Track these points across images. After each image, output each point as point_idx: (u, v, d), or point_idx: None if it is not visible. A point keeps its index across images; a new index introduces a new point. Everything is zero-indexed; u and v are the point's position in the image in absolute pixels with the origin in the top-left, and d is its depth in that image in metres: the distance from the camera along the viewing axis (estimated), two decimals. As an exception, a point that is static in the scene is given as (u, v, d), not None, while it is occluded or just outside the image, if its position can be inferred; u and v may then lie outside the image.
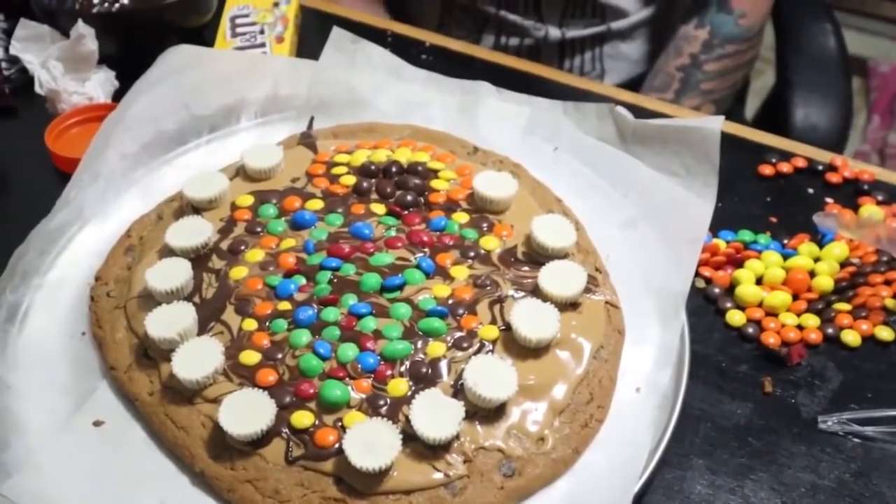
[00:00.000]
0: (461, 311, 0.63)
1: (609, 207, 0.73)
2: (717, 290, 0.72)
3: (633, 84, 1.20)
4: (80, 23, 0.85)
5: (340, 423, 0.57)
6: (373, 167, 0.73)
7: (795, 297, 0.70)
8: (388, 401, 0.58)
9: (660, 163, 0.75)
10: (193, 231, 0.67)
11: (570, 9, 1.15)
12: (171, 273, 0.64)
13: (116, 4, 0.91)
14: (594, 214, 0.73)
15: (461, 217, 0.70)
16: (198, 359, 0.59)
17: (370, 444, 0.55)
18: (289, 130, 0.81)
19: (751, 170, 0.83)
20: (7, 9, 0.94)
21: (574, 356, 0.61)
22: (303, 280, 0.65)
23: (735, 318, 0.69)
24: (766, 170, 0.82)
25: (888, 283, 0.71)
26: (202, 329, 0.62)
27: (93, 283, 0.68)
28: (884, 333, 0.68)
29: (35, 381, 0.63)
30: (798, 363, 0.67)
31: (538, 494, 0.57)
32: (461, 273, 0.65)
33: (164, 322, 0.61)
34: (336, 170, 0.73)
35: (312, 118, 0.82)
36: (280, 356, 0.60)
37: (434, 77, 0.84)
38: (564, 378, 0.60)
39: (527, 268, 0.66)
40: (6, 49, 0.89)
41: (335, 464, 0.56)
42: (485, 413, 0.58)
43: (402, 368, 0.60)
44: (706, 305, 0.71)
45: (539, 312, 0.61)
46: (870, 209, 0.77)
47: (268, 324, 0.62)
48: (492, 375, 0.58)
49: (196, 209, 0.71)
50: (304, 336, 0.61)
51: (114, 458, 0.59)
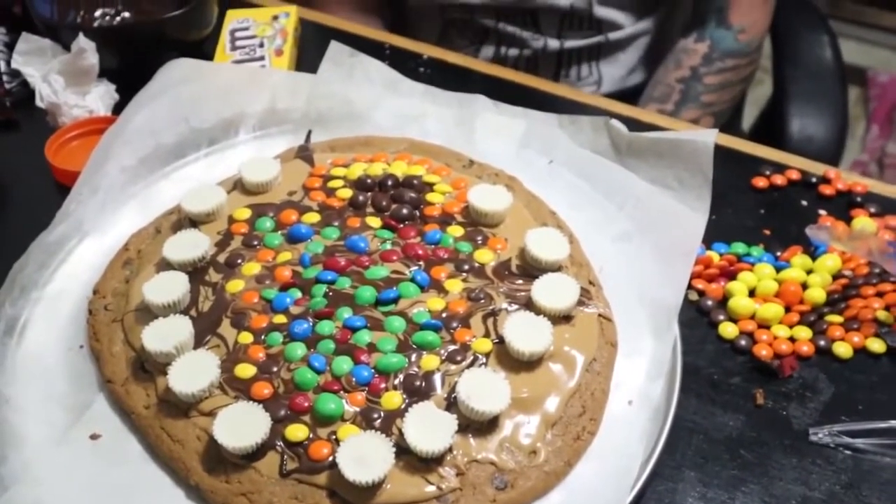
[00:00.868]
0: (455, 325, 0.63)
1: (604, 220, 0.74)
2: (710, 303, 0.72)
3: (630, 93, 1.20)
4: (81, 37, 0.85)
5: (334, 437, 0.58)
6: (369, 180, 0.74)
7: (788, 310, 0.71)
8: (382, 414, 0.59)
9: (654, 175, 0.75)
10: (190, 244, 0.68)
11: (568, 22, 1.16)
12: (168, 286, 0.65)
13: (117, 18, 0.92)
14: (589, 227, 0.74)
15: (456, 230, 0.70)
16: (194, 372, 0.60)
17: (363, 458, 0.55)
18: (287, 143, 0.81)
19: (745, 182, 0.83)
20: (9, 22, 0.95)
21: (567, 369, 0.62)
22: (298, 293, 0.66)
23: (728, 331, 0.70)
24: (760, 182, 0.83)
25: (880, 295, 0.72)
26: (198, 342, 0.63)
27: (91, 297, 0.69)
28: (875, 345, 0.69)
29: (33, 394, 0.63)
30: (790, 375, 0.67)
31: (531, 507, 0.58)
32: (455, 286, 0.66)
33: (161, 335, 0.62)
34: (332, 183, 0.74)
35: (310, 132, 0.83)
36: (275, 369, 0.61)
37: (431, 90, 0.85)
38: (557, 391, 0.61)
39: (521, 281, 0.67)
40: (8, 63, 0.90)
41: (329, 477, 0.56)
42: (478, 426, 0.59)
43: (396, 381, 0.60)
44: (699, 318, 0.72)
45: (532, 325, 0.62)
46: (862, 221, 0.77)
47: (263, 337, 0.63)
48: (485, 388, 0.58)
49: (193, 222, 0.71)
50: (300, 349, 0.62)
51: (110, 471, 0.60)
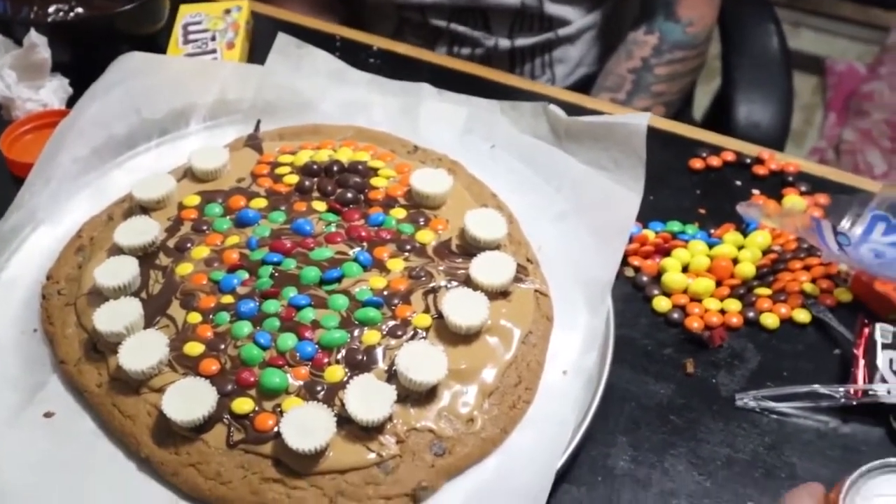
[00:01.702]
0: (396, 301, 0.66)
1: (543, 201, 0.77)
2: (646, 279, 0.75)
3: (582, 84, 1.23)
4: (33, 31, 0.87)
5: (279, 409, 0.60)
6: (315, 166, 0.76)
7: (719, 284, 0.74)
8: (325, 387, 0.61)
9: (591, 158, 0.78)
10: (141, 230, 0.70)
11: (519, 22, 1.19)
12: (119, 270, 0.67)
13: (71, 13, 0.94)
14: (529, 208, 0.76)
15: (399, 213, 0.73)
16: (144, 351, 0.62)
17: (306, 428, 0.58)
18: (236, 133, 0.84)
19: (682, 164, 0.86)
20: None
21: (503, 342, 0.65)
22: (246, 275, 0.68)
23: (661, 305, 0.73)
24: (697, 164, 0.86)
25: (807, 269, 0.75)
26: (148, 323, 0.65)
27: (44, 282, 0.71)
28: (801, 316, 0.72)
29: (-13, 376, 0.65)
30: (720, 345, 0.70)
31: (468, 472, 0.60)
32: (397, 265, 0.69)
33: (112, 317, 0.64)
34: (280, 170, 0.76)
35: (259, 121, 0.85)
36: (223, 347, 0.63)
37: (377, 80, 0.87)
38: (494, 362, 0.64)
39: (460, 259, 0.69)
40: (-38, 58, 0.92)
41: (274, 447, 0.59)
42: (417, 396, 0.61)
43: (339, 356, 0.63)
44: (635, 293, 0.75)
45: (470, 301, 0.65)
46: (792, 199, 0.81)
47: (211, 316, 0.65)
48: (423, 360, 0.61)
49: (144, 209, 0.73)
50: (246, 327, 0.64)
51: (64, 448, 0.62)
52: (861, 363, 0.66)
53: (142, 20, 0.96)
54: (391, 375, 0.62)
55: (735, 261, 0.75)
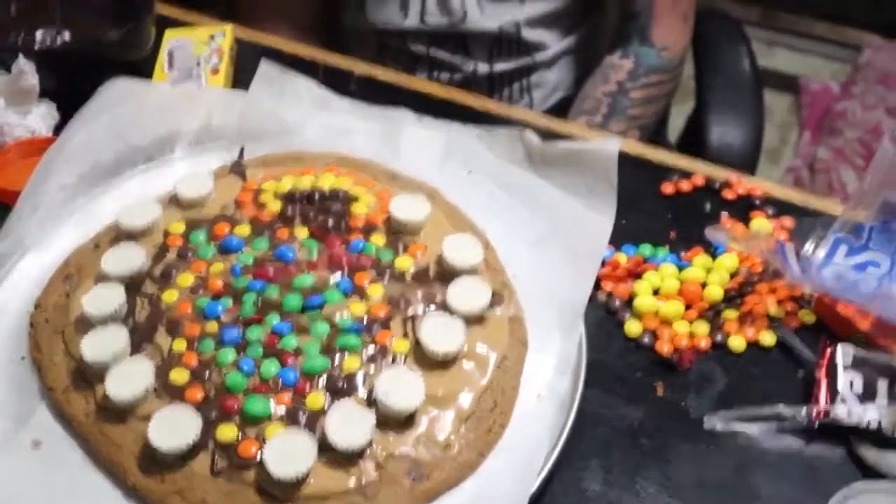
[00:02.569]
0: (376, 328, 0.68)
1: (519, 227, 0.79)
2: (618, 303, 0.77)
3: (560, 108, 1.26)
4: (21, 58, 0.89)
5: (262, 436, 0.62)
6: (297, 194, 0.78)
7: (689, 307, 0.77)
8: (307, 413, 0.63)
9: (566, 183, 0.81)
10: (127, 258, 0.72)
11: (497, 47, 1.21)
12: (106, 298, 0.69)
13: (58, 40, 0.96)
14: (505, 234, 0.79)
15: (378, 239, 0.75)
16: (130, 378, 0.64)
17: (288, 454, 0.60)
18: (221, 160, 0.85)
19: (654, 188, 0.89)
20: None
21: (479, 367, 0.67)
22: (230, 302, 0.70)
23: (633, 329, 0.75)
24: (668, 188, 0.88)
25: (773, 292, 0.77)
26: (135, 350, 0.67)
27: (32, 311, 0.73)
28: (767, 339, 0.74)
29: (-26, 405, 0.67)
30: (689, 368, 0.73)
31: (445, 496, 0.62)
32: (377, 291, 0.71)
33: (98, 345, 0.66)
34: (263, 197, 0.78)
35: (243, 148, 0.87)
36: (207, 374, 0.65)
37: (359, 106, 0.90)
38: (470, 387, 0.66)
39: (437, 285, 0.71)
40: (-50, 85, 0.93)
41: (257, 474, 0.61)
42: (396, 422, 0.63)
43: (320, 382, 0.65)
44: (607, 317, 0.77)
45: (446, 327, 0.67)
46: (759, 223, 0.83)
47: (196, 344, 0.67)
48: (401, 386, 0.63)
49: (131, 237, 0.75)
50: (230, 354, 0.66)
51: (52, 476, 0.63)
52: (823, 384, 0.69)
53: (128, 47, 0.98)
54: (371, 401, 0.64)
55: (704, 284, 0.78)
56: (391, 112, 0.89)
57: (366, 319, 0.69)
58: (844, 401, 0.67)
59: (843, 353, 0.70)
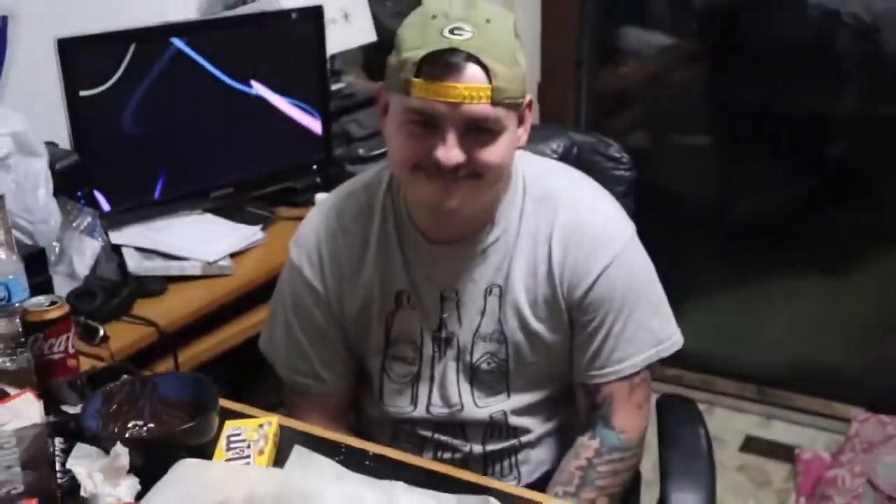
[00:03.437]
0: None
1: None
2: None
3: (543, 479, 1.52)
4: (119, 445, 1.20)
5: None
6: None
7: None
8: None
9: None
10: None
11: (489, 432, 1.51)
12: None
13: (144, 430, 1.28)
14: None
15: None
16: None
17: None
18: (259, 520, 1.13)
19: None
20: (65, 434, 1.31)
21: None
22: None
23: None
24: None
25: None
26: None
27: None
28: None
29: None
30: None
31: None
32: None
33: None
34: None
35: (276, 511, 1.14)
36: None
37: (366, 480, 1.18)
38: None
39: None
40: (63, 464, 1.24)
41: None
42: None
43: None
44: None
45: None
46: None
47: None
48: None
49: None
50: None
51: None
52: None
53: (197, 435, 1.29)
54: None
55: None
56: (387, 483, 1.17)
57: None
58: None
59: None
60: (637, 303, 1.44)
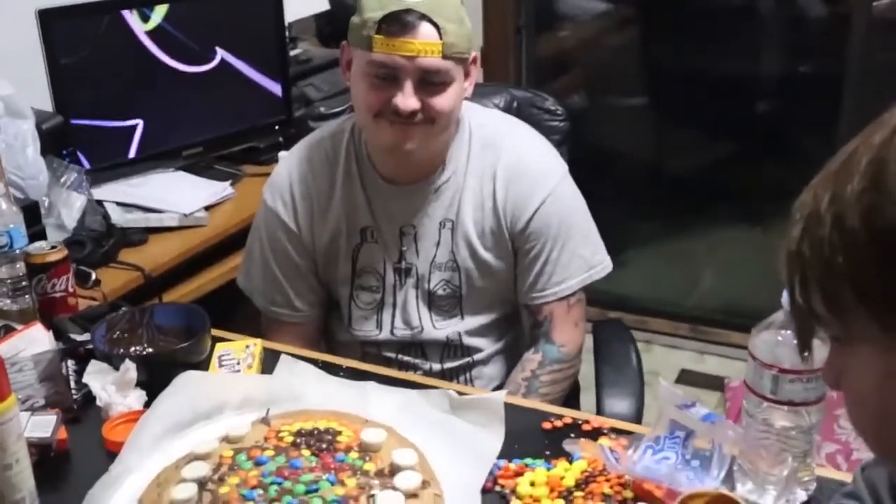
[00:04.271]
0: (350, 500, 1.11)
1: (444, 445, 1.24)
2: (507, 490, 1.21)
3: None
4: (128, 360, 1.39)
5: (280, 559, 1.04)
6: (302, 430, 1.24)
7: (552, 491, 1.20)
8: (308, 547, 1.05)
9: (474, 419, 1.27)
10: (198, 469, 1.17)
11: (446, 352, 1.72)
12: (187, 491, 1.13)
13: (149, 349, 1.46)
14: (432, 448, 1.23)
15: (353, 454, 1.20)
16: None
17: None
18: (254, 416, 1.32)
19: (538, 425, 1.35)
20: (75, 358, 1.49)
21: (413, 521, 1.10)
22: (261, 491, 1.14)
23: (516, 504, 1.19)
24: (547, 425, 1.34)
25: (608, 481, 1.21)
26: (203, 518, 1.10)
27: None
28: (601, 506, 1.17)
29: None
30: (549, 525, 1.15)
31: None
32: (352, 482, 1.15)
33: (182, 515, 1.09)
34: (281, 433, 1.25)
35: (268, 409, 1.34)
36: (247, 530, 1.08)
37: (343, 381, 1.38)
38: (407, 532, 1.08)
39: (388, 477, 1.16)
40: (76, 381, 1.42)
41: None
42: (361, 549, 1.05)
43: (316, 530, 1.07)
44: (500, 498, 1.20)
45: (392, 499, 1.10)
46: (603, 441, 1.28)
47: (241, 513, 1.11)
48: (364, 528, 1.06)
49: (199, 458, 1.20)
50: (261, 518, 1.09)
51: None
52: (629, 527, 1.11)
53: (192, 354, 1.48)
54: (346, 538, 1.06)
55: (563, 477, 1.21)
56: (360, 383, 1.37)
57: (344, 496, 1.12)
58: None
59: (642, 508, 1.13)
60: (571, 233, 1.65)
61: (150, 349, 1.54)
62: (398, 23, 1.46)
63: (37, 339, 1.50)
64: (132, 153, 2.26)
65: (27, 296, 1.64)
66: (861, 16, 2.83)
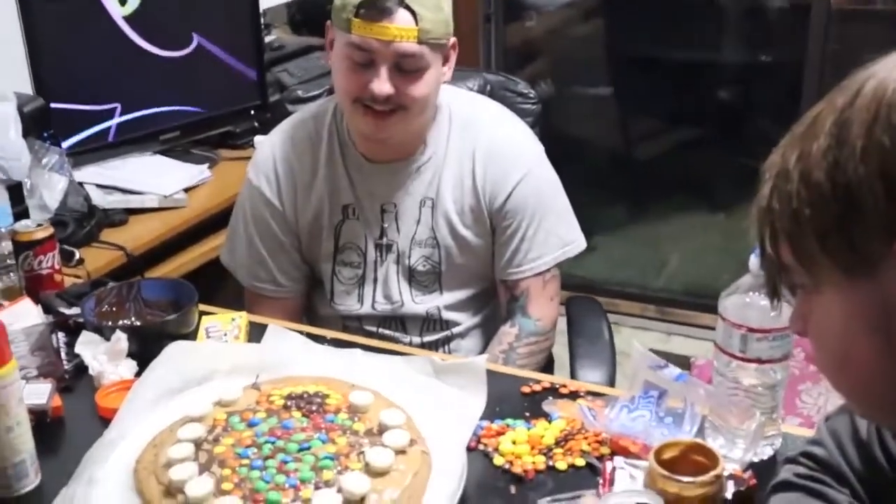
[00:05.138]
0: (341, 458, 1.17)
1: (430, 407, 1.29)
2: (490, 448, 1.27)
3: (472, 363, 1.79)
4: (118, 331, 1.43)
5: (276, 512, 1.09)
6: (292, 394, 1.29)
7: (532, 448, 1.26)
8: (301, 502, 1.10)
9: (457, 383, 1.33)
10: (194, 430, 1.21)
11: (426, 325, 1.77)
12: (183, 450, 1.17)
13: (137, 322, 1.50)
14: (420, 409, 1.29)
15: (343, 416, 1.25)
16: (199, 488, 1.11)
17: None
18: (244, 383, 1.37)
19: (517, 390, 1.41)
20: (66, 330, 1.52)
21: (401, 476, 1.15)
22: (255, 450, 1.18)
23: (499, 460, 1.24)
24: (526, 389, 1.40)
25: (586, 438, 1.27)
26: (200, 474, 1.14)
27: (135, 466, 1.20)
28: (579, 462, 1.23)
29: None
30: (531, 479, 1.20)
31: (383, 541, 1.08)
32: (342, 440, 1.20)
33: (179, 473, 1.13)
34: (272, 397, 1.29)
35: (258, 375, 1.38)
36: (244, 484, 1.13)
37: (328, 349, 1.43)
38: (395, 486, 1.13)
39: (378, 437, 1.21)
40: (67, 353, 1.46)
41: (274, 529, 1.07)
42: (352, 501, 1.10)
43: (310, 485, 1.12)
44: (484, 457, 1.26)
45: (382, 455, 1.16)
46: (579, 402, 1.34)
47: (237, 469, 1.15)
48: (356, 483, 1.11)
49: (194, 421, 1.25)
50: (256, 473, 1.14)
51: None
52: (606, 479, 1.17)
53: (180, 325, 1.52)
54: (339, 491, 1.11)
55: (542, 436, 1.27)
56: (348, 351, 1.42)
57: (335, 453, 1.17)
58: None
59: (616, 463, 1.19)
60: (546, 211, 1.72)
61: (138, 322, 1.57)
62: (376, 8, 1.51)
63: (26, 313, 1.53)
64: (111, 137, 2.28)
65: (13, 273, 1.67)
66: (821, 5, 2.92)
